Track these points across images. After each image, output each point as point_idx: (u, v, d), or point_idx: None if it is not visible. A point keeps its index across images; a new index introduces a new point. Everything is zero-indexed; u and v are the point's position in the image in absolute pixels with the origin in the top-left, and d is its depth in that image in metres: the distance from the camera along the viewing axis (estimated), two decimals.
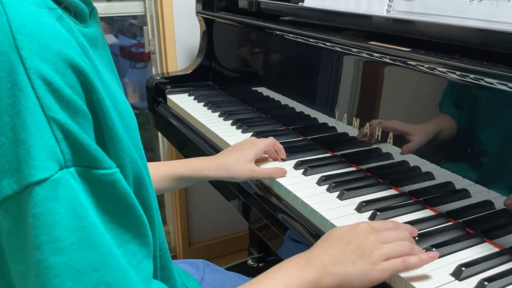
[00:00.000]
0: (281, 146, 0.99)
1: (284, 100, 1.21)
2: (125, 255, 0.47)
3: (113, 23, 2.33)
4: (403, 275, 0.63)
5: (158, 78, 1.54)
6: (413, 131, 0.84)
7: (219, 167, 0.88)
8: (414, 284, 0.62)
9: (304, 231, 0.80)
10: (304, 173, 0.94)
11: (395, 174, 0.89)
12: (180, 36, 1.71)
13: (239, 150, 0.92)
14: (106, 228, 0.45)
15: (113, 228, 0.46)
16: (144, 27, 1.77)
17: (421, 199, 0.82)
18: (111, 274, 0.44)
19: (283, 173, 0.91)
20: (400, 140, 0.87)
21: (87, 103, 0.45)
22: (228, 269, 1.00)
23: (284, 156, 0.99)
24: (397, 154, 0.88)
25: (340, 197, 0.84)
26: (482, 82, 0.70)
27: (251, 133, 1.15)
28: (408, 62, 0.82)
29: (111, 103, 0.49)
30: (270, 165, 0.97)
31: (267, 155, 0.99)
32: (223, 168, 0.88)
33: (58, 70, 0.42)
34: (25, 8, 0.42)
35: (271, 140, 0.96)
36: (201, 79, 1.58)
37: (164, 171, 0.90)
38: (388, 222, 0.68)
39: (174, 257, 1.98)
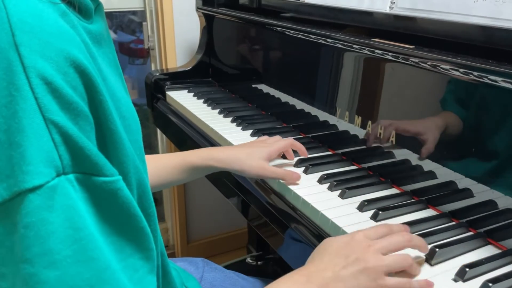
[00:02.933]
0: (301, 146, 0.93)
1: (284, 97, 1.20)
2: (127, 270, 0.44)
3: (112, 19, 2.32)
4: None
5: (157, 74, 1.53)
6: (425, 130, 0.82)
7: (230, 158, 0.85)
8: None
9: (305, 230, 0.79)
10: (305, 171, 0.93)
11: (397, 173, 0.88)
12: (180, 32, 1.70)
13: (253, 147, 0.89)
14: (106, 241, 0.42)
15: (114, 241, 0.43)
16: (144, 23, 1.76)
17: (424, 198, 0.81)
18: None
19: (295, 178, 0.85)
20: (406, 139, 0.86)
21: (89, 105, 0.42)
22: (226, 267, 0.99)
23: (305, 155, 0.95)
24: (398, 153, 0.87)
25: (342, 195, 0.83)
26: (486, 80, 0.70)
27: (251, 131, 1.14)
28: (411, 59, 0.81)
29: (114, 105, 0.47)
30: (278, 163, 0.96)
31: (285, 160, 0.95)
32: (235, 159, 0.85)
33: (60, 69, 0.40)
34: (26, 3, 0.40)
35: (288, 141, 0.92)
36: (200, 76, 1.57)
37: (173, 162, 0.87)
38: (382, 227, 0.64)
39: (173, 255, 1.97)
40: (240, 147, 0.90)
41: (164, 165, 0.87)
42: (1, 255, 0.39)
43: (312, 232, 0.78)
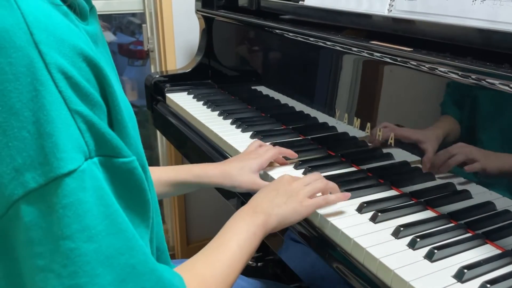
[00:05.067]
0: (288, 151, 0.98)
1: (284, 99, 1.20)
2: None
3: (112, 21, 2.32)
4: (404, 276, 0.63)
5: (157, 76, 1.53)
6: (425, 139, 0.82)
7: (222, 175, 0.88)
8: (416, 286, 0.61)
9: (304, 231, 0.80)
10: (305, 173, 0.93)
11: (396, 175, 0.88)
12: (179, 34, 1.71)
13: (244, 160, 0.91)
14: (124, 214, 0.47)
15: (128, 213, 0.48)
16: (143, 25, 1.76)
17: (422, 200, 0.82)
18: (135, 257, 0.46)
19: None
20: (404, 143, 0.86)
21: (101, 95, 0.46)
22: None
23: (295, 156, 0.98)
24: (397, 155, 0.87)
25: None
26: (484, 83, 0.70)
27: (250, 132, 1.14)
28: (409, 62, 0.81)
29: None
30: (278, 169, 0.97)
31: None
32: (226, 176, 0.88)
33: (75, 64, 0.43)
34: (36, 3, 0.43)
35: (277, 150, 0.96)
36: (200, 78, 1.57)
37: (166, 176, 0.89)
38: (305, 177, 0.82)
39: (173, 256, 1.97)
40: (232, 162, 0.93)
41: (156, 179, 0.88)
42: (38, 235, 0.42)
43: (311, 234, 0.79)
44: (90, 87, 0.44)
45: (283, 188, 0.77)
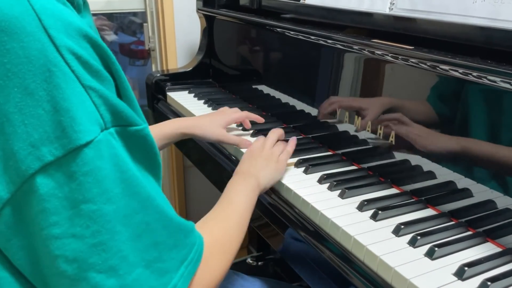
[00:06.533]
0: (256, 116, 1.10)
1: (285, 98, 1.20)
2: None
3: (113, 20, 2.32)
4: (404, 273, 0.63)
5: (158, 75, 1.53)
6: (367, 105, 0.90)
7: (195, 126, 1.02)
8: (416, 283, 0.61)
9: (305, 230, 0.80)
10: (305, 172, 0.93)
11: (397, 173, 0.88)
12: (181, 33, 1.71)
13: (214, 116, 1.07)
14: (142, 176, 0.52)
15: (145, 176, 0.53)
16: (144, 24, 1.76)
17: (423, 198, 0.82)
18: (149, 215, 0.51)
19: (247, 144, 1.02)
20: (402, 139, 0.86)
21: (107, 72, 0.50)
22: None
23: (261, 121, 1.11)
24: (398, 153, 0.87)
25: (341, 195, 0.83)
26: (485, 81, 0.70)
27: (252, 131, 1.14)
28: (410, 60, 0.81)
29: None
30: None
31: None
32: (198, 127, 1.02)
33: (81, 45, 0.47)
34: None
35: (244, 113, 1.09)
36: (201, 77, 1.57)
37: (155, 131, 0.98)
38: (265, 136, 0.97)
39: None
40: (203, 116, 1.07)
41: None
42: (53, 205, 0.46)
43: (312, 232, 0.79)
44: (98, 64, 0.48)
45: (259, 155, 0.89)
